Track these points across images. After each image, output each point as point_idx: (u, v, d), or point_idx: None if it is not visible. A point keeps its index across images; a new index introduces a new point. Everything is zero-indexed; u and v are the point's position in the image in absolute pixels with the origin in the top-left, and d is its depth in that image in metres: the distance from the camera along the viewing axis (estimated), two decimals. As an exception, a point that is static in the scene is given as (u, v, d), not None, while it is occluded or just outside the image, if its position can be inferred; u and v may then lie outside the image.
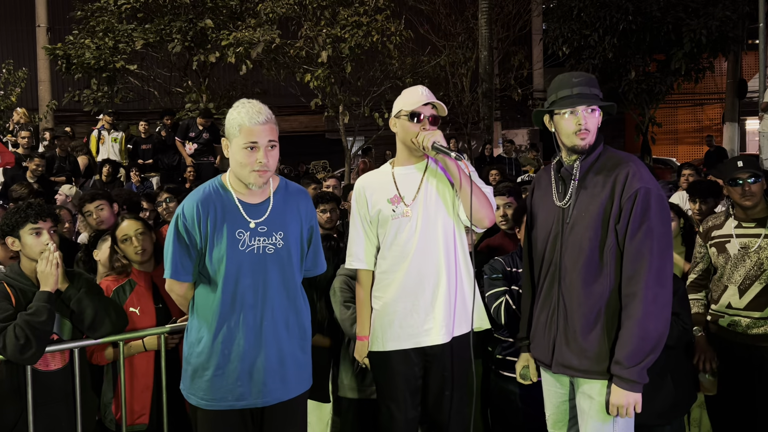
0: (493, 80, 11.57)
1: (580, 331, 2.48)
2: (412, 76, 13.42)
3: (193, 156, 10.31)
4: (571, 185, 2.55)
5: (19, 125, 10.42)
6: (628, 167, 2.47)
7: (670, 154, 19.96)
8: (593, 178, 2.52)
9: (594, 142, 2.55)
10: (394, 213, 2.86)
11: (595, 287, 2.46)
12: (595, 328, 2.46)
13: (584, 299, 2.48)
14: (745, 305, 3.39)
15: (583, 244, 2.48)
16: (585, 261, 2.47)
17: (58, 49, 12.89)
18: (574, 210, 2.53)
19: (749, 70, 17.42)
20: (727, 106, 14.91)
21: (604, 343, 2.45)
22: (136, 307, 3.22)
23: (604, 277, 2.45)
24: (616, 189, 2.45)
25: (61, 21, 15.41)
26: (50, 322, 2.79)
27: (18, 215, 2.88)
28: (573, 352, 2.50)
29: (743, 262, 3.41)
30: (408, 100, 2.88)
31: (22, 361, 2.75)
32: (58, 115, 15.86)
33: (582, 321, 2.48)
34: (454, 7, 15.26)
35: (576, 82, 2.56)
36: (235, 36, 11.82)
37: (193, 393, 2.61)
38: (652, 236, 2.38)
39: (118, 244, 3.30)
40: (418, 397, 2.95)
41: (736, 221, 3.50)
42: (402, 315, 2.86)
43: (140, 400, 3.22)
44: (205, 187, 2.60)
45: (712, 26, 11.57)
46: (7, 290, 2.84)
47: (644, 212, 2.39)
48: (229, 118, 2.52)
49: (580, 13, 12.27)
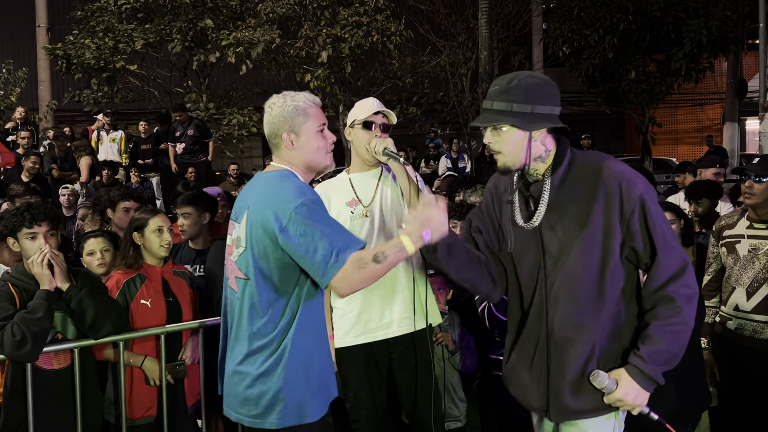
0: (493, 80, 11.57)
1: (580, 368, 2.18)
2: (412, 76, 13.44)
3: (184, 155, 10.21)
4: (541, 205, 2.20)
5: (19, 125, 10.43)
6: (612, 175, 2.14)
7: (670, 154, 19.95)
8: (570, 195, 2.18)
9: (557, 152, 2.20)
10: (353, 215, 3.02)
11: (598, 317, 2.18)
12: (592, 360, 2.18)
13: (578, 332, 2.18)
14: (752, 308, 3.30)
15: (576, 274, 2.17)
16: (582, 292, 2.17)
17: (58, 49, 12.90)
18: (558, 235, 2.19)
19: (749, 70, 17.41)
20: (727, 106, 14.91)
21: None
22: (147, 299, 3.25)
23: (604, 304, 2.17)
24: (610, 205, 2.13)
25: (61, 21, 15.40)
26: (47, 319, 2.79)
27: (15, 219, 2.90)
28: (576, 393, 2.19)
29: (752, 263, 3.31)
30: (361, 111, 3.07)
31: (19, 359, 2.77)
32: (58, 115, 15.85)
33: (580, 356, 2.18)
34: (454, 7, 15.25)
35: (491, 92, 2.19)
36: (235, 36, 11.83)
37: None
38: (667, 239, 2.15)
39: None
40: (385, 386, 3.08)
41: (748, 221, 3.41)
42: (360, 310, 2.99)
43: (149, 393, 3.26)
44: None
45: (713, 26, 11.56)
46: (12, 291, 2.86)
47: (652, 219, 2.14)
48: (289, 110, 2.37)
49: (580, 13, 12.26)
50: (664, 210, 3.96)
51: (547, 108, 2.15)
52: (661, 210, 2.21)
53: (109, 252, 3.57)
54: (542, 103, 2.14)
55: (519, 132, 2.14)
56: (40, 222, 2.88)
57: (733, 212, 3.61)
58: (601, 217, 2.13)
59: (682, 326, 2.14)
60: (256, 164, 20.30)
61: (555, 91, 2.21)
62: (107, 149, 10.93)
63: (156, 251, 3.30)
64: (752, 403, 3.37)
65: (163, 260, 3.36)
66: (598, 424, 2.22)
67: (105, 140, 10.97)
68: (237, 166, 12.40)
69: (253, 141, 15.74)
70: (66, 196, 7.29)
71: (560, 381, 2.21)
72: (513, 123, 2.12)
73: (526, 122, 2.12)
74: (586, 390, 2.18)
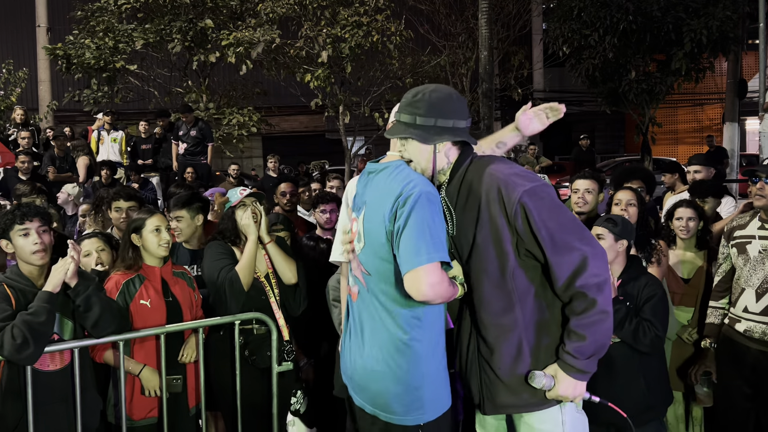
0: (493, 80, 11.54)
1: (509, 366, 2.25)
2: (412, 76, 13.42)
3: (185, 155, 10.22)
4: (446, 214, 2.29)
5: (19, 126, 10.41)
6: (492, 181, 2.18)
7: (670, 154, 19.96)
8: (465, 204, 2.26)
9: (455, 162, 2.28)
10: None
11: (513, 315, 2.22)
12: (522, 357, 2.24)
13: (501, 332, 2.24)
14: (761, 310, 3.28)
15: (481, 278, 2.24)
16: (490, 294, 2.23)
17: (58, 49, 12.90)
18: (463, 242, 2.27)
19: (749, 70, 17.41)
20: (727, 106, 14.89)
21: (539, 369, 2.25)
22: (147, 300, 3.25)
23: (515, 303, 2.21)
24: (494, 211, 2.17)
25: (61, 21, 15.41)
26: (49, 322, 2.79)
27: (6, 218, 2.91)
28: (508, 389, 2.27)
29: (762, 264, 3.29)
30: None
31: (19, 361, 2.76)
32: (58, 115, 15.86)
33: (508, 354, 2.24)
34: (454, 7, 15.26)
35: (401, 104, 2.32)
36: (235, 36, 11.83)
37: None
38: (555, 239, 2.14)
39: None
40: None
41: (759, 222, 3.39)
42: None
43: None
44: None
45: (713, 26, 11.55)
46: (7, 292, 2.85)
47: (541, 218, 2.13)
48: None
49: (581, 13, 12.25)
50: (687, 207, 3.97)
51: (449, 121, 2.24)
52: (554, 206, 2.17)
53: (105, 251, 3.58)
54: (445, 117, 2.23)
55: (422, 144, 2.24)
56: (31, 218, 2.88)
57: (744, 213, 3.58)
58: (487, 223, 2.19)
59: (599, 316, 2.17)
60: (256, 164, 20.32)
61: (460, 104, 2.29)
62: (108, 149, 10.91)
63: (155, 251, 3.30)
64: (750, 404, 3.36)
65: (163, 261, 3.37)
66: (543, 415, 2.29)
67: (106, 140, 10.96)
68: (237, 166, 12.41)
69: (253, 141, 15.76)
70: (67, 197, 7.30)
71: (494, 379, 2.29)
72: (414, 136, 2.22)
73: (427, 135, 2.22)
74: (523, 387, 2.26)
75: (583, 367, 2.20)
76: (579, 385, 2.23)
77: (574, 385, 2.22)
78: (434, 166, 2.27)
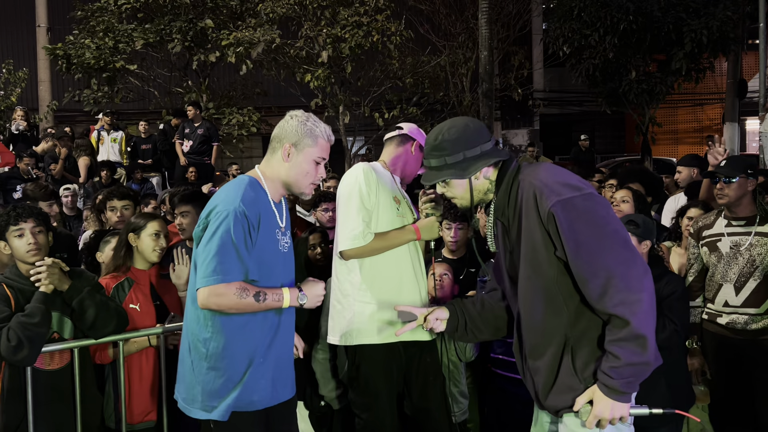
0: (493, 80, 11.54)
1: (556, 370, 2.25)
2: (412, 76, 13.43)
3: (191, 154, 10.24)
4: (493, 229, 2.43)
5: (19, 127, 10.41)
6: (530, 189, 2.22)
7: (670, 154, 19.93)
8: (512, 211, 2.31)
9: (496, 178, 2.36)
10: (398, 211, 3.09)
11: (555, 321, 2.24)
12: (564, 360, 2.24)
13: (547, 336, 2.26)
14: (742, 302, 3.47)
15: (526, 284, 2.29)
16: (536, 300, 2.26)
17: (58, 49, 12.89)
18: (513, 251, 2.34)
19: (749, 70, 17.39)
20: (727, 106, 14.89)
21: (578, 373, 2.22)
22: (136, 304, 3.24)
23: (565, 308, 2.22)
24: (531, 218, 2.21)
25: (61, 21, 15.38)
26: (44, 323, 2.80)
27: (1, 220, 2.92)
28: (557, 392, 2.26)
29: (736, 259, 3.48)
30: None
31: (16, 363, 2.77)
32: (58, 115, 15.83)
33: (552, 358, 2.26)
34: (454, 7, 15.24)
35: (425, 150, 2.41)
36: (235, 36, 11.83)
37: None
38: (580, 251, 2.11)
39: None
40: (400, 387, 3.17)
41: (725, 220, 3.56)
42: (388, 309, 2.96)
43: (149, 397, 3.25)
44: (247, 188, 2.52)
45: (713, 26, 11.55)
46: (7, 292, 2.86)
47: (570, 230, 2.11)
48: (304, 128, 2.58)
49: (581, 13, 12.24)
50: (700, 208, 4.04)
51: (476, 150, 2.32)
52: (590, 220, 2.12)
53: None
54: (470, 147, 2.31)
55: (460, 180, 2.33)
56: (25, 219, 2.89)
57: (708, 213, 3.76)
58: (531, 231, 2.22)
59: (634, 339, 2.07)
60: (257, 164, 20.29)
61: (479, 128, 2.37)
62: (108, 149, 10.92)
63: (149, 255, 3.29)
64: (746, 394, 3.48)
65: (151, 265, 3.36)
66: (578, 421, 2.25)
67: (106, 140, 10.97)
68: (237, 166, 12.41)
69: (253, 141, 15.74)
70: (69, 198, 7.29)
71: (540, 381, 2.31)
72: (450, 176, 2.32)
73: (462, 170, 2.32)
74: (566, 389, 2.24)
75: (620, 386, 2.10)
76: (618, 407, 2.13)
77: (611, 406, 2.13)
78: (472, 194, 2.36)
